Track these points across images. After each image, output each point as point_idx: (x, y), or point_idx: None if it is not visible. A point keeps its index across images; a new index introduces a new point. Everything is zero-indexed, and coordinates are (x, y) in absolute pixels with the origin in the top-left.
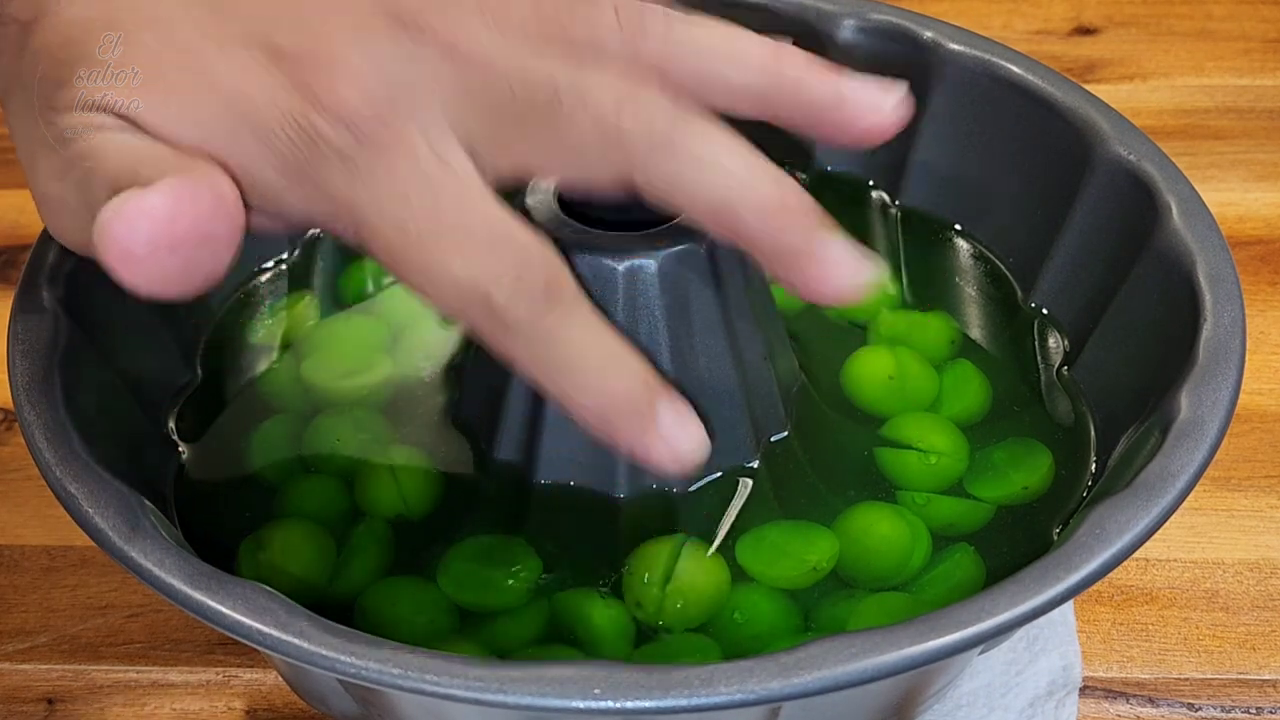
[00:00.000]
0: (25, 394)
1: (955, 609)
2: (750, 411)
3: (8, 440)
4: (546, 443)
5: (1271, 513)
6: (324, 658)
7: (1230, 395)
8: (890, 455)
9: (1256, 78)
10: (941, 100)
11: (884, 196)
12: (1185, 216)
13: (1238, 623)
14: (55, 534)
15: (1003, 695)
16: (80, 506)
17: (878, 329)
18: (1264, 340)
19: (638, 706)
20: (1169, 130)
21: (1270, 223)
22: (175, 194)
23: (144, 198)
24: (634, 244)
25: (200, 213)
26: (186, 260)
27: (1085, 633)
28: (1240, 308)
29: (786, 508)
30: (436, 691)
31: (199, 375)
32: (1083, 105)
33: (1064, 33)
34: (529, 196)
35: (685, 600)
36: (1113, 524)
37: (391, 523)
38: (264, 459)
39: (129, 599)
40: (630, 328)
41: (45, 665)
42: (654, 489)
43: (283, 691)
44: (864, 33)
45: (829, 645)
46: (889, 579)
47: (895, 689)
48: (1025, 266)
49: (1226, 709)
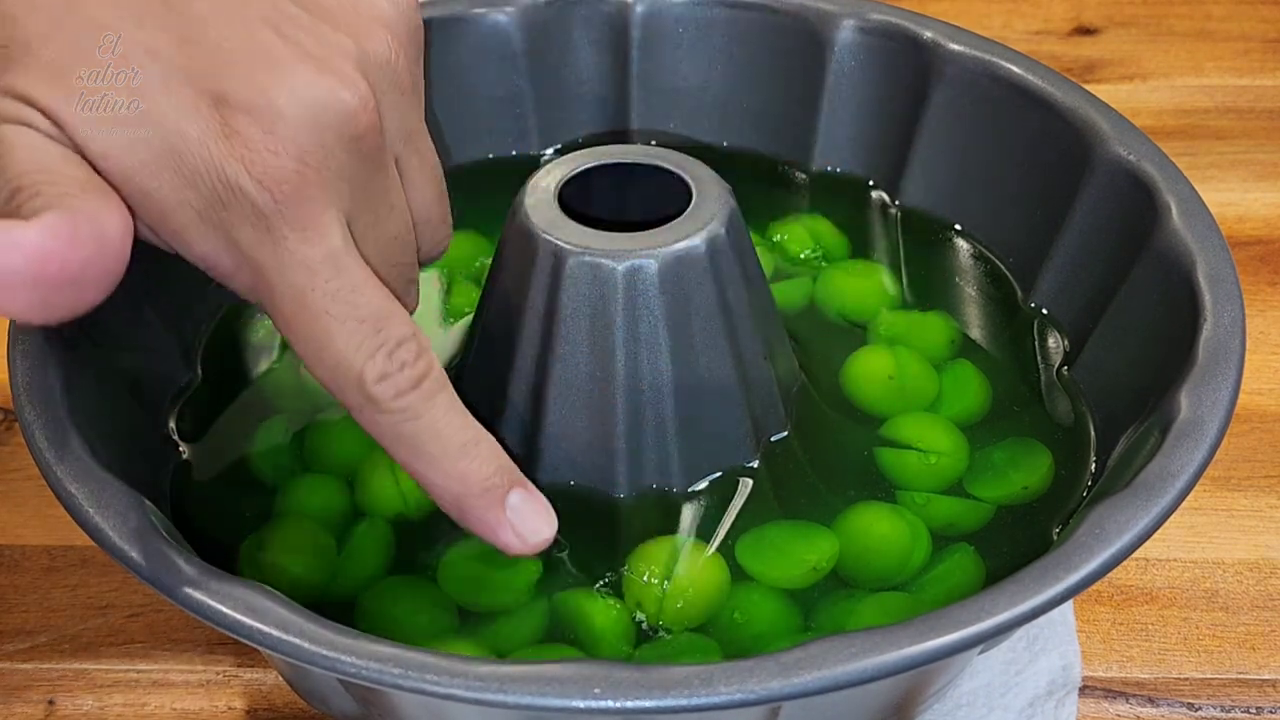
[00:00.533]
0: (26, 394)
1: (955, 609)
2: (750, 411)
3: (8, 440)
4: (546, 443)
5: (1271, 513)
6: (325, 658)
7: (1230, 395)
8: (890, 455)
9: (1256, 78)
10: (941, 100)
11: (884, 196)
12: (1185, 216)
13: (1237, 622)
14: (56, 534)
15: (1002, 695)
16: (81, 506)
17: (877, 329)
18: (1263, 340)
19: (637, 706)
20: (1169, 130)
21: (1270, 223)
22: (54, 234)
23: (22, 231)
24: (634, 244)
25: (74, 257)
26: (47, 297)
27: (1085, 632)
28: (1240, 308)
29: (786, 508)
30: (437, 691)
31: (199, 375)
32: (1082, 105)
33: (1064, 33)
34: (529, 196)
35: (685, 600)
36: (1112, 524)
37: (392, 522)
38: (264, 459)
39: (129, 599)
40: (630, 328)
41: (46, 664)
42: (654, 489)
43: (283, 691)
44: (864, 33)
45: (829, 645)
46: (889, 579)
47: (895, 689)
48: (1025, 266)
49: (1226, 709)
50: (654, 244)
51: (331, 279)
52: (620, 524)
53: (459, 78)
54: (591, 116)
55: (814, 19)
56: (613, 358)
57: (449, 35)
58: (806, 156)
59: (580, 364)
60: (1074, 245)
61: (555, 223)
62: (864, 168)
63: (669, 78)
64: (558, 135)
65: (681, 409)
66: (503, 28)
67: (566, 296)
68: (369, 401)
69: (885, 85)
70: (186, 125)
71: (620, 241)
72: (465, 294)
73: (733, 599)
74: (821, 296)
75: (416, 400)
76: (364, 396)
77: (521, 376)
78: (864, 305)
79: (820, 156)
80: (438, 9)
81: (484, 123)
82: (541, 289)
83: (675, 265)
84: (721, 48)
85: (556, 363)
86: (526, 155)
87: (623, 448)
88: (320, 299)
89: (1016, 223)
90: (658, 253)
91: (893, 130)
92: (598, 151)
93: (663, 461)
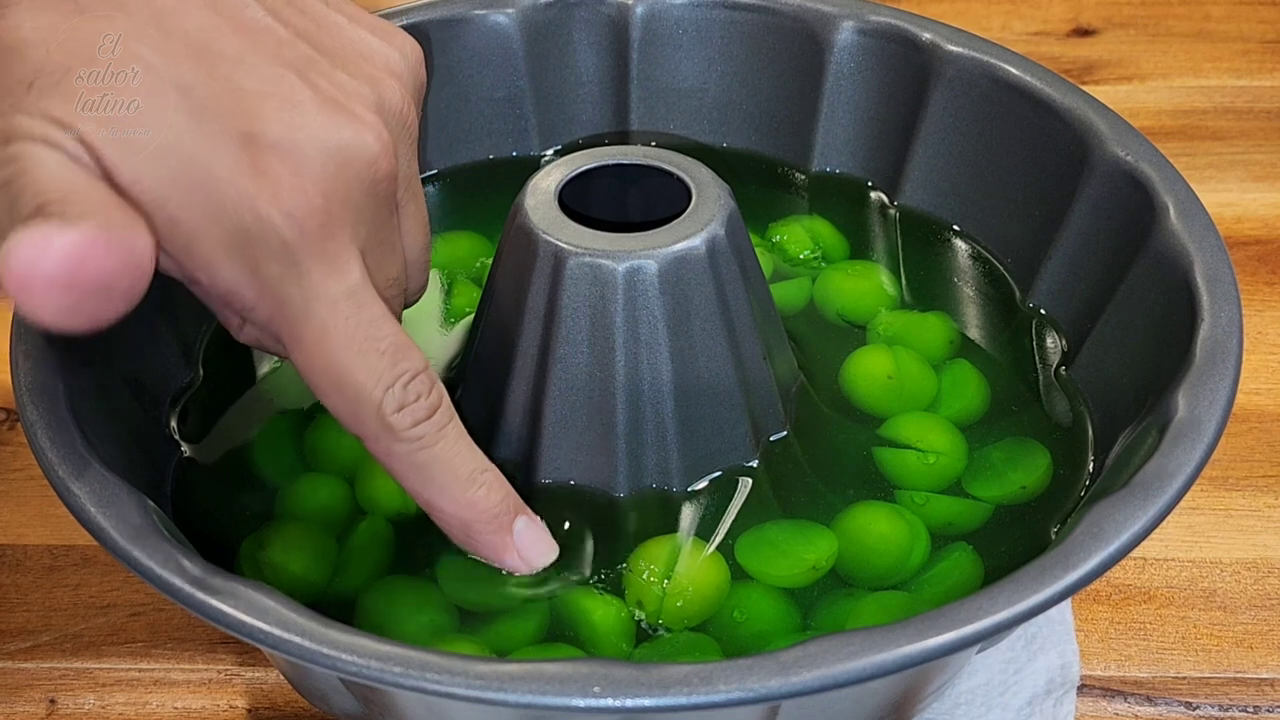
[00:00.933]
0: (28, 394)
1: (953, 608)
2: (750, 411)
3: (10, 440)
4: (547, 442)
5: (1269, 512)
6: (325, 656)
7: (1227, 395)
8: (889, 455)
9: (1254, 78)
10: (940, 102)
11: (883, 197)
12: (1183, 217)
13: (1235, 622)
14: (57, 533)
15: (1001, 694)
16: (83, 506)
17: (877, 329)
18: (1261, 340)
19: (637, 705)
20: (1167, 131)
21: (1268, 223)
22: (92, 239)
23: (62, 232)
24: (634, 245)
25: (107, 265)
26: (77, 303)
27: (1083, 631)
28: (1237, 307)
29: (786, 507)
30: (437, 690)
31: (200, 375)
32: (1081, 106)
33: (1062, 34)
34: (529, 197)
35: (685, 599)
36: (1110, 523)
37: (392, 521)
38: (265, 458)
39: (131, 598)
40: (630, 328)
41: (48, 664)
42: (654, 489)
43: (284, 690)
44: (863, 34)
45: (828, 644)
46: (888, 578)
47: (894, 687)
48: (1023, 267)
49: (1224, 708)
50: (654, 245)
51: (353, 313)
52: (620, 523)
53: (459, 78)
54: (591, 117)
55: (813, 20)
56: (613, 358)
57: (449, 35)
58: (806, 157)
59: (580, 364)
60: (1072, 246)
61: (555, 223)
62: (863, 169)
63: (669, 79)
64: (558, 136)
65: (681, 409)
66: (503, 29)
67: (567, 297)
68: (386, 431)
69: (884, 86)
70: (217, 160)
71: (620, 242)
72: (465, 294)
73: (732, 598)
74: (821, 297)
75: (430, 430)
76: (382, 426)
77: (522, 377)
78: (863, 306)
79: (819, 157)
80: (438, 9)
81: (484, 123)
82: (542, 289)
83: (675, 266)
84: (721, 49)
85: (556, 363)
86: (526, 155)
87: (623, 447)
88: (342, 332)
89: (1015, 223)
90: (657, 253)
91: (892, 131)
92: (598, 152)
93: (662, 461)
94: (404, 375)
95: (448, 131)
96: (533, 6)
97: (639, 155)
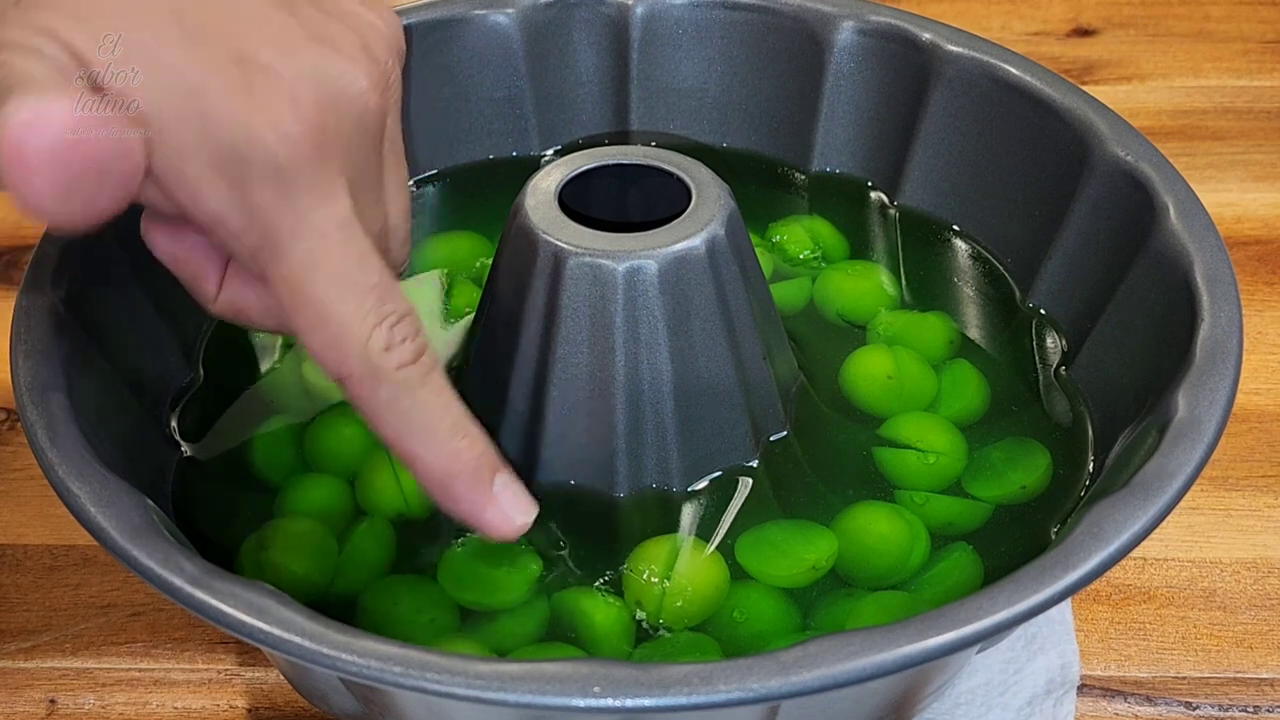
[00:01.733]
0: (28, 394)
1: (953, 608)
2: (750, 411)
3: (10, 440)
4: (547, 442)
5: (1269, 512)
6: (326, 656)
7: (1227, 395)
8: (889, 455)
9: (1254, 78)
10: (940, 102)
11: (883, 197)
12: (1183, 217)
13: (1235, 622)
14: (58, 533)
15: (1001, 694)
16: (83, 505)
17: (877, 329)
18: (1261, 340)
19: (637, 704)
20: (1167, 131)
21: (1268, 223)
22: (86, 117)
23: (59, 102)
24: (634, 245)
25: (105, 145)
26: (71, 183)
27: (1083, 631)
28: (1237, 307)
29: (786, 507)
30: (437, 690)
31: (201, 375)
32: (1081, 106)
33: (1062, 34)
34: (529, 197)
35: (685, 599)
36: (1110, 523)
37: (393, 521)
38: (266, 458)
39: (131, 598)
40: (630, 328)
41: (48, 664)
42: (654, 488)
43: (284, 689)
44: (863, 34)
45: (828, 644)
46: (888, 578)
47: (894, 687)
48: (1023, 267)
49: (1224, 707)
50: (654, 245)
51: (342, 245)
52: (620, 523)
53: (459, 78)
54: (591, 117)
55: (813, 20)
56: (613, 358)
57: (449, 36)
58: (806, 157)
59: (580, 364)
60: (1072, 246)
61: (555, 223)
62: (863, 169)
63: (669, 79)
64: (558, 136)
65: (681, 409)
66: (503, 29)
67: (567, 297)
68: (371, 372)
69: (884, 86)
70: (210, 78)
71: (620, 242)
72: (465, 294)
73: (732, 598)
74: (821, 297)
75: (415, 375)
76: (367, 366)
77: (522, 376)
78: (863, 306)
79: (819, 157)
80: (438, 9)
81: (484, 123)
82: (542, 289)
83: (675, 266)
84: (721, 49)
85: (557, 363)
86: (526, 156)
87: (622, 447)
88: (330, 264)
89: (1015, 223)
90: (657, 253)
91: (892, 131)
92: (598, 152)
93: (662, 461)
94: (391, 315)
95: (448, 131)
96: (533, 6)
97: (639, 155)
